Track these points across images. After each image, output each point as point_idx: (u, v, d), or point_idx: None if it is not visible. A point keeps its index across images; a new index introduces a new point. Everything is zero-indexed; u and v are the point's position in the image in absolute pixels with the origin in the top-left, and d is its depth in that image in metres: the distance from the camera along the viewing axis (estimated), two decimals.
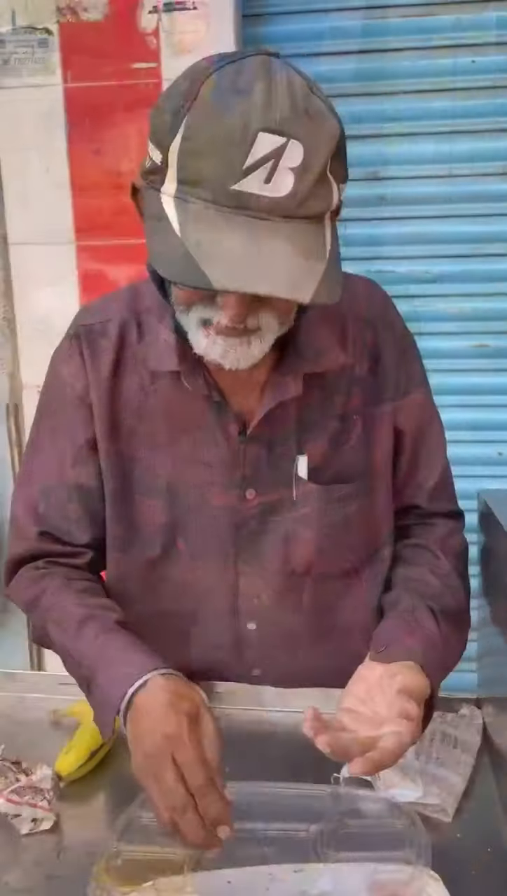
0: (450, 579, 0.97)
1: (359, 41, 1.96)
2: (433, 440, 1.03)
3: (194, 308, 0.81)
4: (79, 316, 1.00)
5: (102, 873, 0.72)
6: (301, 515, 0.97)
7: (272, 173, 0.69)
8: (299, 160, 0.70)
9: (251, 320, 0.79)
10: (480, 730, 1.01)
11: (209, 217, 0.71)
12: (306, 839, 0.77)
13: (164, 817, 0.71)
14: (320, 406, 0.96)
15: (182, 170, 0.72)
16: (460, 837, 0.84)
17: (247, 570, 0.98)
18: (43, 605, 0.94)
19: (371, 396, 0.98)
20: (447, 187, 2.01)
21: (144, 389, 0.95)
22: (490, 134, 1.97)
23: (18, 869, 0.78)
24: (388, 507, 1.02)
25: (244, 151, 0.69)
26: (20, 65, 1.99)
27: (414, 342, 1.03)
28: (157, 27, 1.93)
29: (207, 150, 0.70)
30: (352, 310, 0.97)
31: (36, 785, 0.84)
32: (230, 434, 0.94)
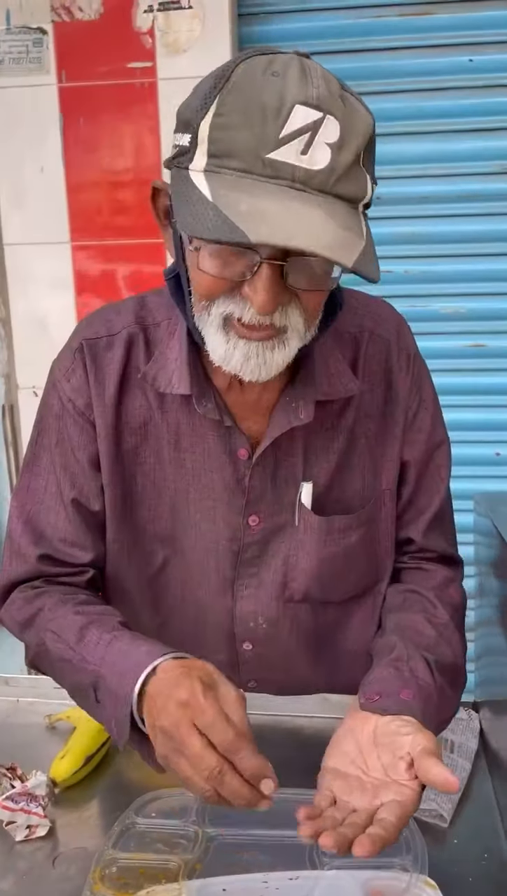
0: (447, 631, 0.91)
1: (355, 40, 1.97)
2: (436, 471, 0.98)
3: (217, 303, 0.76)
4: (82, 328, 0.95)
5: (96, 881, 0.72)
6: (301, 543, 0.94)
7: (309, 146, 0.67)
8: (336, 137, 0.68)
9: (278, 316, 0.75)
10: (477, 734, 1.01)
11: (243, 185, 0.68)
12: (303, 846, 0.76)
13: (203, 789, 0.67)
14: (327, 432, 0.93)
15: (213, 143, 0.69)
16: (457, 843, 0.84)
17: (245, 593, 0.97)
18: (39, 622, 0.90)
19: (381, 426, 0.95)
20: (444, 186, 2.01)
21: (150, 408, 0.91)
22: (487, 133, 1.97)
23: (13, 876, 0.78)
24: (390, 538, 0.99)
25: (280, 123, 0.67)
26: (15, 64, 1.99)
27: (426, 367, 0.99)
28: (152, 26, 1.93)
29: (240, 122, 0.68)
30: (366, 332, 0.94)
31: (31, 791, 0.84)
32: (238, 459, 0.91)
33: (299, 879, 0.72)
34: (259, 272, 0.71)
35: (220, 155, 0.69)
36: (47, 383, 0.95)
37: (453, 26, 1.92)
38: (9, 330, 2.18)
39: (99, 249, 2.09)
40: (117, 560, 0.97)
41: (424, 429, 0.96)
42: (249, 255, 0.71)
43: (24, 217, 2.10)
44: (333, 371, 0.90)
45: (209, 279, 0.74)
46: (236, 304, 0.74)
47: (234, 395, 0.89)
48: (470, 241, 2.03)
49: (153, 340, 0.91)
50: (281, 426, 0.88)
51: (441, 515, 0.99)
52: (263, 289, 0.71)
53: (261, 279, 0.71)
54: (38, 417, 0.96)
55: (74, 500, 0.92)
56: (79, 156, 2.03)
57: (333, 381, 0.90)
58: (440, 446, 0.98)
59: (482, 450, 2.10)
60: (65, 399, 0.92)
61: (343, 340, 0.93)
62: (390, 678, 0.80)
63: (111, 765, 0.95)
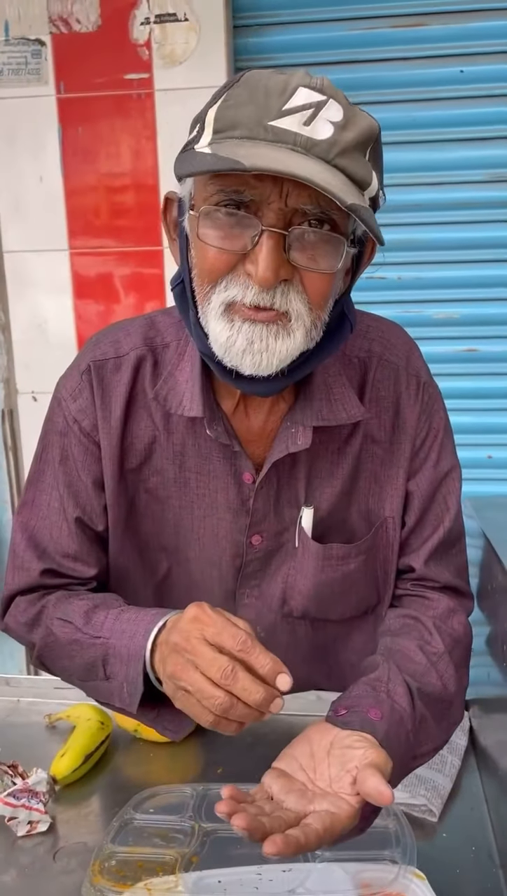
0: (440, 662, 0.87)
1: (349, 51, 1.98)
2: (443, 500, 0.95)
3: (219, 288, 0.75)
4: (90, 347, 0.93)
5: (96, 873, 0.73)
6: (300, 565, 0.94)
7: (311, 119, 0.68)
8: (340, 117, 0.69)
9: (280, 298, 0.73)
10: (467, 731, 1.03)
11: (245, 145, 0.68)
12: None
13: (216, 696, 0.65)
14: (332, 457, 0.92)
15: (218, 121, 0.71)
16: (445, 837, 0.86)
17: (246, 601, 0.97)
18: (45, 616, 0.90)
19: (387, 453, 0.93)
20: (436, 194, 2.03)
21: (155, 428, 0.90)
22: (478, 142, 1.99)
23: (14, 870, 0.79)
24: (392, 564, 0.96)
25: (284, 99, 0.68)
26: (14, 75, 2.01)
27: (438, 393, 0.97)
28: (148, 38, 1.95)
29: (245, 100, 0.69)
30: (374, 357, 0.92)
31: (32, 788, 0.85)
32: (243, 482, 0.90)
33: (292, 871, 0.74)
34: (260, 243, 0.71)
35: (224, 129, 0.70)
36: (53, 401, 0.94)
37: (444, 38, 1.94)
38: (8, 336, 2.20)
39: (97, 256, 2.11)
40: (122, 570, 0.97)
41: (431, 458, 0.94)
42: (251, 225, 0.71)
43: (24, 225, 2.12)
44: (336, 397, 0.88)
45: (212, 254, 0.73)
46: (238, 287, 0.73)
47: (239, 418, 0.89)
48: (462, 248, 2.04)
49: (162, 362, 0.90)
50: (280, 451, 0.87)
51: (447, 545, 0.95)
52: (263, 258, 0.70)
53: (262, 249, 0.70)
54: (42, 433, 0.96)
55: (78, 518, 0.92)
56: (77, 165, 2.05)
57: (334, 407, 0.88)
58: (448, 475, 0.95)
59: (474, 453, 2.11)
60: (70, 419, 0.91)
61: (351, 365, 0.91)
62: (364, 696, 0.78)
63: (110, 763, 0.96)
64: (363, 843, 0.78)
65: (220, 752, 0.98)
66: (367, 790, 0.65)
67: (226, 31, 1.93)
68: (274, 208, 0.70)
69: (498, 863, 0.82)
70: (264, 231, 0.70)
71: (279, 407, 0.88)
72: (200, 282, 0.77)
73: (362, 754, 0.70)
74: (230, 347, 0.75)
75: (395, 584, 0.97)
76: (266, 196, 0.70)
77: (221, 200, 0.72)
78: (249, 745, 0.99)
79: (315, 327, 0.77)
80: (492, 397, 2.12)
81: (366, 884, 0.73)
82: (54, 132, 2.04)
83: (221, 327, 0.75)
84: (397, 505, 0.93)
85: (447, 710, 0.86)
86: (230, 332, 0.75)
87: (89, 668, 0.84)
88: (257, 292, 0.72)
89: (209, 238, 0.73)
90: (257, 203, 0.71)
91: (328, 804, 0.67)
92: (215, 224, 0.73)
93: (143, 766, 0.96)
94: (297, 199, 0.70)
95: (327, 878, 0.73)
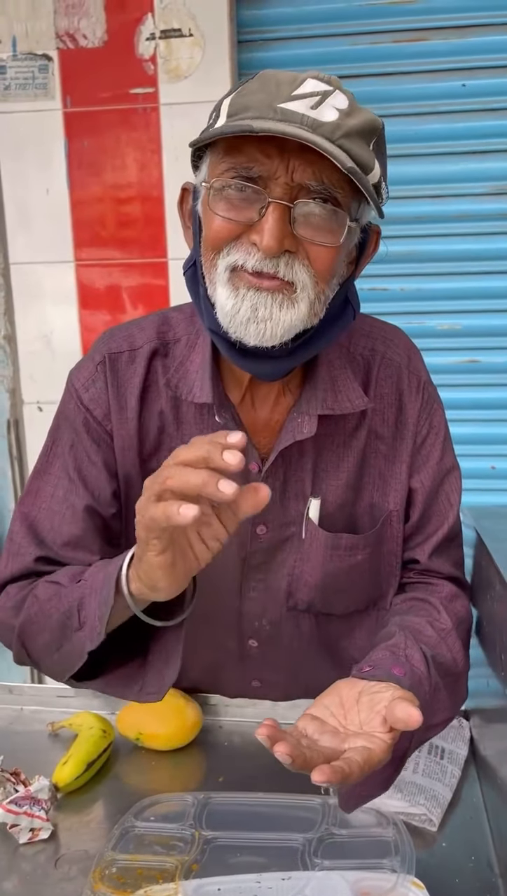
0: (449, 637, 0.90)
1: (352, 66, 2.01)
2: (446, 497, 0.99)
3: (223, 254, 0.78)
4: (105, 340, 0.96)
5: (96, 880, 0.74)
6: (307, 556, 0.96)
7: (318, 105, 0.73)
8: (345, 105, 0.74)
9: (284, 267, 0.76)
10: (467, 741, 1.03)
11: (255, 121, 0.73)
12: (295, 848, 0.79)
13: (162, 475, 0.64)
14: (338, 450, 0.94)
15: (232, 106, 0.76)
16: (445, 847, 0.86)
17: (252, 595, 0.99)
18: (30, 592, 0.90)
19: (390, 448, 0.96)
20: (438, 206, 2.05)
21: (166, 419, 0.93)
22: (480, 155, 2.01)
23: (16, 876, 0.80)
24: (396, 558, 0.99)
25: (293, 87, 0.73)
26: (21, 90, 2.04)
27: (437, 394, 1.00)
28: (154, 53, 1.98)
29: (257, 90, 0.75)
30: (377, 355, 0.95)
31: (34, 795, 0.85)
32: (248, 471, 0.92)
33: (291, 880, 0.74)
34: (266, 214, 0.75)
35: (237, 112, 0.75)
36: (65, 392, 0.96)
37: (446, 52, 1.97)
38: (14, 347, 2.22)
39: (102, 268, 2.13)
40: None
41: (433, 455, 0.97)
42: (258, 198, 0.75)
43: (30, 237, 2.14)
44: (340, 388, 0.91)
45: (219, 223, 0.77)
46: (242, 252, 0.77)
47: (246, 409, 0.92)
48: (464, 260, 2.06)
49: (173, 355, 0.93)
50: (286, 440, 0.90)
51: (449, 541, 0.99)
52: (269, 227, 0.74)
53: (268, 219, 0.74)
54: (53, 426, 0.97)
55: (88, 505, 0.92)
56: (83, 178, 2.08)
57: (339, 398, 0.91)
58: (450, 472, 0.99)
59: (477, 463, 2.13)
60: (83, 408, 0.93)
61: (355, 362, 0.94)
62: (385, 658, 0.80)
63: (112, 771, 0.97)
64: (363, 852, 0.78)
65: (221, 762, 0.98)
66: (397, 715, 0.67)
67: (230, 46, 1.96)
68: (281, 182, 0.75)
69: (497, 872, 0.82)
70: (270, 203, 0.75)
71: (285, 400, 0.91)
72: (206, 251, 0.80)
73: (391, 695, 0.71)
74: (235, 315, 0.78)
75: (400, 575, 0.99)
76: (273, 171, 0.74)
77: (232, 175, 0.76)
78: (250, 755, 0.99)
79: (319, 301, 0.80)
80: (494, 408, 2.13)
81: (365, 892, 0.73)
82: (61, 145, 2.07)
83: (226, 294, 0.78)
84: (400, 499, 0.96)
85: (456, 683, 0.89)
86: (235, 299, 0.77)
87: (64, 625, 0.83)
88: (261, 258, 0.76)
89: (219, 209, 0.77)
90: (265, 179, 0.75)
91: (363, 741, 0.68)
92: (225, 197, 0.77)
93: (144, 774, 0.97)
94: (302, 174, 0.74)
95: (326, 886, 0.74)
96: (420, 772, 0.94)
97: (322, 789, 0.89)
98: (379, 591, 1.00)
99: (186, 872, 0.76)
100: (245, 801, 0.85)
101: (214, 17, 1.94)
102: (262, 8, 2.01)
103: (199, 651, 1.04)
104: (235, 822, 0.82)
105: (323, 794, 0.87)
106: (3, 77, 2.04)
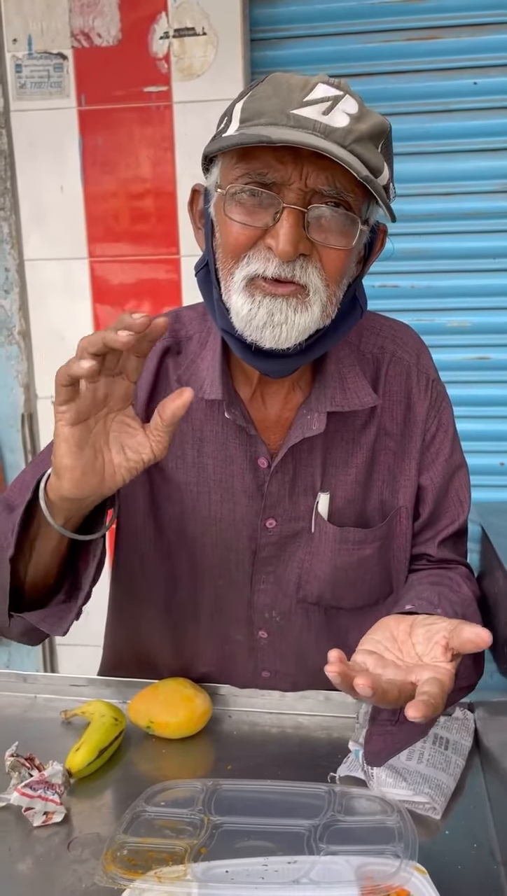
0: (471, 607, 0.93)
1: (364, 64, 2.02)
2: (456, 495, 1.00)
3: (242, 264, 0.79)
4: None
5: (108, 862, 0.76)
6: (316, 551, 0.97)
7: (330, 110, 0.75)
8: (355, 110, 0.76)
9: (300, 271, 0.78)
10: (472, 732, 1.04)
11: (268, 129, 0.74)
12: (301, 834, 0.80)
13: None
14: (348, 446, 0.96)
15: (244, 112, 0.77)
16: (448, 834, 0.88)
17: (262, 587, 1.00)
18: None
19: (400, 445, 0.97)
20: (449, 204, 2.06)
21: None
22: (491, 153, 2.01)
23: (30, 858, 0.82)
24: (405, 553, 1.01)
25: (305, 92, 0.75)
26: (36, 88, 2.06)
27: (445, 392, 1.01)
28: (167, 52, 1.99)
29: (269, 94, 0.76)
30: (387, 353, 0.97)
31: (48, 780, 0.87)
32: (258, 467, 0.94)
33: (297, 863, 0.76)
34: (281, 219, 0.76)
35: (250, 118, 0.77)
36: None
37: (458, 50, 1.97)
38: (28, 342, 2.25)
39: (116, 264, 2.15)
40: (139, 554, 1.00)
41: (443, 452, 0.98)
42: (273, 204, 0.77)
43: (45, 234, 2.16)
44: (349, 385, 0.93)
45: (236, 229, 0.79)
46: (260, 261, 0.79)
47: (256, 406, 0.93)
48: (474, 258, 2.07)
49: (185, 352, 0.95)
50: (296, 437, 0.91)
51: (458, 535, 1.02)
52: (284, 232, 0.76)
53: (283, 224, 0.76)
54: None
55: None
56: (97, 175, 2.10)
57: (348, 395, 0.92)
58: (459, 469, 1.00)
59: (486, 460, 2.13)
60: None
61: (365, 360, 0.96)
62: (423, 605, 0.81)
63: (123, 757, 0.98)
64: (367, 838, 0.80)
65: (230, 750, 1.00)
66: (465, 636, 0.65)
67: (243, 44, 1.96)
68: (294, 188, 0.76)
69: (499, 860, 0.83)
70: (284, 208, 0.76)
71: (295, 397, 0.93)
72: (224, 258, 0.82)
73: (447, 625, 0.70)
74: (251, 321, 0.80)
75: (411, 569, 1.01)
76: (287, 177, 0.76)
77: (247, 181, 0.78)
78: (258, 743, 1.01)
79: (331, 303, 0.82)
80: (504, 405, 2.13)
81: (368, 876, 0.74)
82: (75, 143, 2.08)
83: (242, 301, 0.80)
84: (409, 496, 0.98)
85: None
86: (252, 305, 0.79)
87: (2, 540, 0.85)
88: (278, 265, 0.77)
89: (234, 214, 0.79)
90: (279, 185, 0.77)
91: (429, 672, 0.66)
92: (240, 202, 0.79)
93: (155, 761, 0.98)
94: (316, 180, 0.76)
95: (330, 870, 0.75)
96: (425, 762, 0.96)
97: (328, 777, 0.91)
98: (389, 585, 1.02)
99: (195, 855, 0.78)
100: (253, 787, 0.87)
101: (227, 16, 1.95)
102: (275, 6, 2.02)
103: (209, 642, 1.06)
104: (242, 808, 0.83)
105: (329, 783, 0.89)
106: (18, 76, 2.06)
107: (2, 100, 2.08)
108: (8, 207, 2.15)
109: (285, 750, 0.98)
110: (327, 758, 0.94)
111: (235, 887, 0.72)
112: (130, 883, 0.73)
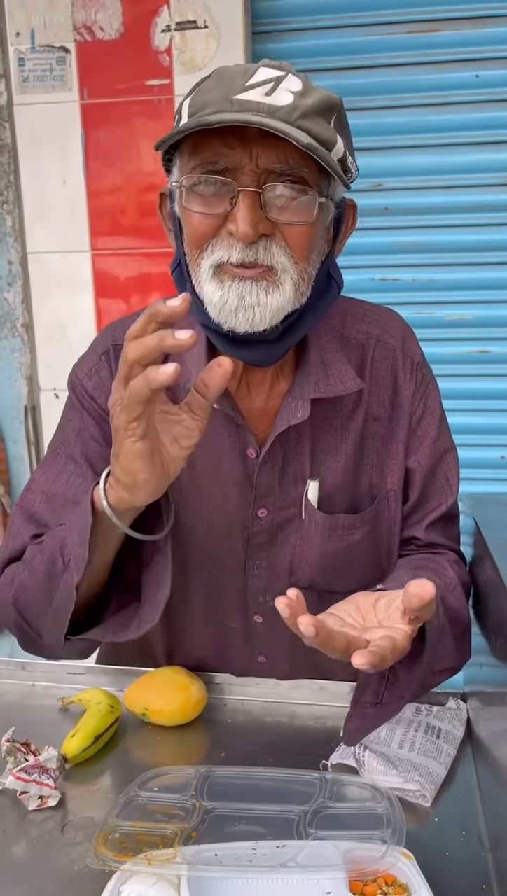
0: (456, 590, 0.94)
1: (364, 57, 2.02)
2: (444, 477, 1.01)
3: (206, 253, 0.80)
4: (108, 333, 0.99)
5: (99, 844, 0.77)
6: (307, 536, 0.98)
7: (272, 91, 0.75)
8: (299, 87, 0.76)
9: (263, 252, 0.78)
10: (464, 722, 1.05)
11: (211, 117, 0.74)
12: (291, 819, 0.81)
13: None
14: (336, 433, 0.96)
15: (191, 107, 0.78)
16: (437, 822, 0.88)
17: (256, 572, 1.02)
18: (21, 565, 0.91)
19: (387, 429, 0.98)
20: (449, 197, 2.06)
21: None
22: (491, 146, 2.02)
23: (24, 841, 0.83)
24: (395, 537, 1.02)
25: (246, 78, 0.76)
26: (39, 82, 2.07)
27: (432, 374, 1.02)
28: (169, 45, 1.99)
29: (214, 87, 0.77)
30: (372, 338, 0.97)
31: (43, 765, 0.88)
32: (247, 457, 0.95)
33: (285, 847, 0.77)
34: (238, 202, 0.77)
35: (196, 111, 0.77)
36: (68, 386, 0.99)
37: (459, 43, 1.97)
38: (31, 334, 2.26)
39: (118, 257, 2.16)
40: (135, 545, 1.01)
41: (429, 435, 0.99)
42: (228, 189, 0.78)
43: (47, 227, 2.17)
44: (332, 371, 0.93)
45: (196, 219, 0.80)
46: (224, 248, 0.79)
47: (242, 397, 0.94)
48: (475, 251, 2.07)
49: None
50: (281, 425, 0.92)
51: (447, 519, 1.02)
52: (242, 215, 0.76)
53: (240, 208, 0.77)
54: (59, 425, 1.00)
55: (86, 485, 0.93)
56: (99, 168, 2.11)
57: (331, 381, 0.93)
58: (447, 452, 1.00)
59: (486, 453, 2.14)
60: (87, 397, 0.97)
61: (350, 346, 0.96)
62: (395, 586, 0.81)
63: (118, 744, 0.99)
64: (355, 824, 0.81)
65: (224, 737, 1.01)
66: (411, 591, 0.67)
67: (245, 37, 1.97)
68: (247, 171, 0.77)
69: (487, 846, 0.84)
70: (240, 191, 0.77)
71: (280, 386, 0.93)
72: (190, 250, 0.83)
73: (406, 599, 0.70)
74: (224, 306, 0.80)
75: (400, 554, 1.02)
76: (238, 161, 0.77)
77: (200, 171, 0.78)
78: (252, 731, 1.02)
79: (303, 280, 0.82)
80: (504, 398, 2.14)
81: (356, 860, 0.76)
82: (77, 137, 2.09)
83: (213, 289, 0.80)
84: (397, 479, 0.99)
85: (461, 633, 0.92)
86: (222, 291, 0.80)
87: (51, 573, 0.85)
88: (241, 249, 0.78)
89: (193, 206, 0.80)
90: (232, 170, 0.77)
91: (383, 631, 0.69)
92: (198, 193, 0.79)
93: (149, 748, 1.00)
94: (267, 160, 0.77)
95: (318, 855, 0.76)
96: (416, 750, 0.97)
97: (320, 765, 0.92)
98: (380, 569, 1.03)
99: (186, 839, 0.79)
100: (245, 774, 0.87)
101: (228, 9, 1.95)
102: None
103: (206, 629, 1.07)
104: (234, 794, 0.84)
105: (320, 770, 0.90)
106: (21, 69, 2.06)
107: (5, 93, 2.09)
108: (11, 201, 2.16)
109: (278, 738, 0.99)
110: (320, 746, 0.95)
111: (224, 870, 0.73)
112: (120, 865, 0.74)
